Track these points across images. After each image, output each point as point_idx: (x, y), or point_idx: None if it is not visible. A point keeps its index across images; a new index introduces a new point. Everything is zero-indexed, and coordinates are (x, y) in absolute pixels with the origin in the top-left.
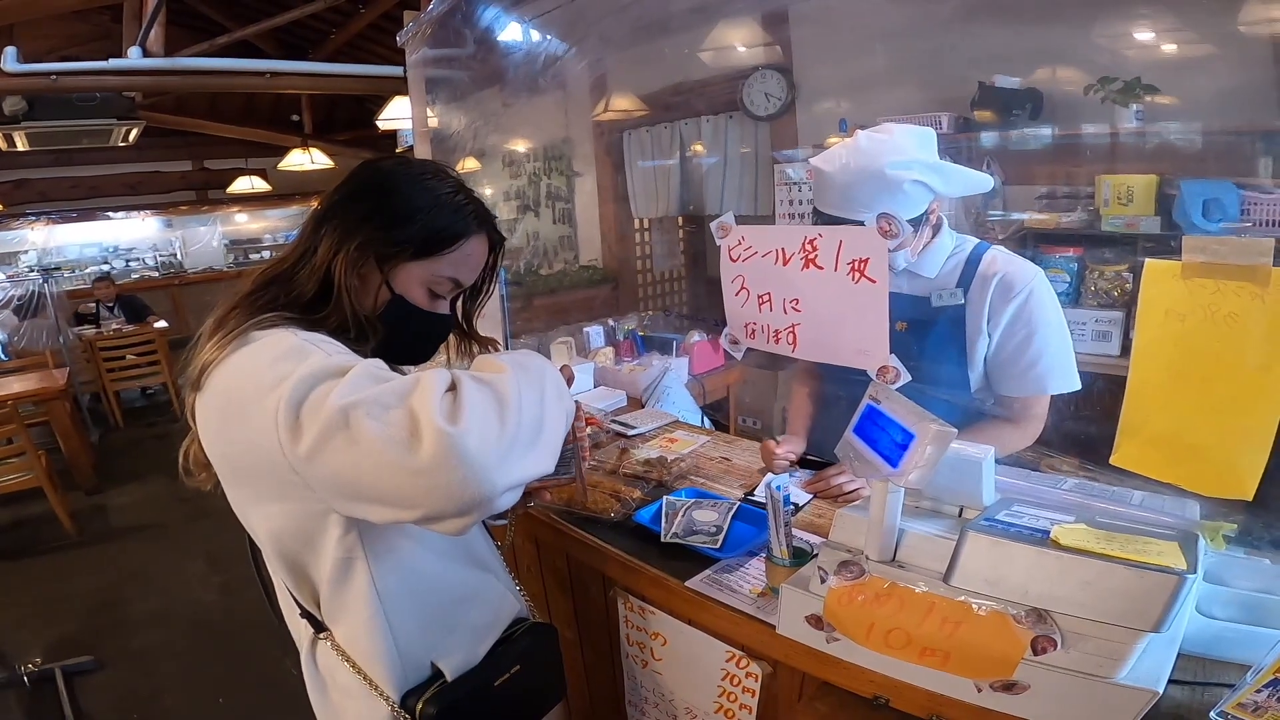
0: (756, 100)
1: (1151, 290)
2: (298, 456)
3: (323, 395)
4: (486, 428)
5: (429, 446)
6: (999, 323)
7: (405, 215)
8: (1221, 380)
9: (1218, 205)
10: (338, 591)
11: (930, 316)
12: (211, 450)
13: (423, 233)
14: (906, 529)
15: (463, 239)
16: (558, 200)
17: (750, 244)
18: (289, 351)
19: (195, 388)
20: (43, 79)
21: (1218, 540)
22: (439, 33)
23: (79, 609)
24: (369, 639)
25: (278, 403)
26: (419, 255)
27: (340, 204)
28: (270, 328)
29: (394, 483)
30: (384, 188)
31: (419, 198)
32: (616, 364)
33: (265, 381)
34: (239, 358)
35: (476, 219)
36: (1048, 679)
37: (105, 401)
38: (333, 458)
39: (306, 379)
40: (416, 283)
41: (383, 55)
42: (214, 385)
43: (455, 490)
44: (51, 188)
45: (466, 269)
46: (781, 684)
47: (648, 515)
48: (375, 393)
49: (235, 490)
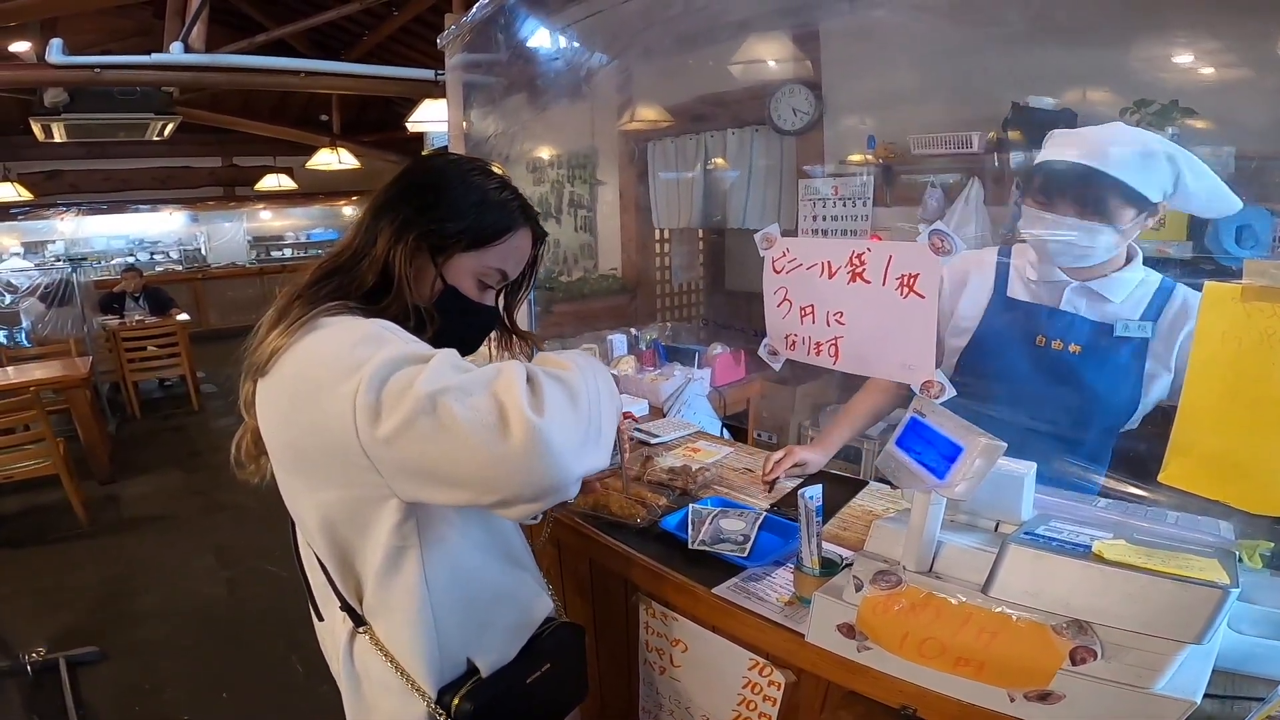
0: (784, 115)
1: (1210, 313)
2: (375, 440)
3: (406, 381)
4: (565, 420)
5: (518, 433)
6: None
7: (458, 209)
8: (1273, 403)
9: (1250, 232)
10: (385, 583)
11: (1113, 347)
12: (274, 436)
13: (474, 226)
14: (944, 541)
15: (510, 231)
16: (579, 208)
17: (795, 256)
18: (367, 337)
19: (260, 374)
20: (86, 71)
21: (1255, 559)
22: (478, 38)
23: (86, 599)
24: (412, 632)
25: (357, 385)
26: (470, 247)
27: (396, 198)
28: (338, 315)
29: (478, 466)
30: (438, 184)
31: (470, 193)
32: (639, 373)
33: (343, 366)
34: (310, 342)
35: (522, 213)
36: (1085, 689)
37: (124, 392)
38: (416, 442)
39: (387, 363)
40: (467, 274)
41: (412, 58)
42: (283, 370)
43: (537, 477)
44: (83, 179)
45: (513, 261)
46: (804, 693)
47: (673, 522)
48: (461, 380)
49: (293, 478)
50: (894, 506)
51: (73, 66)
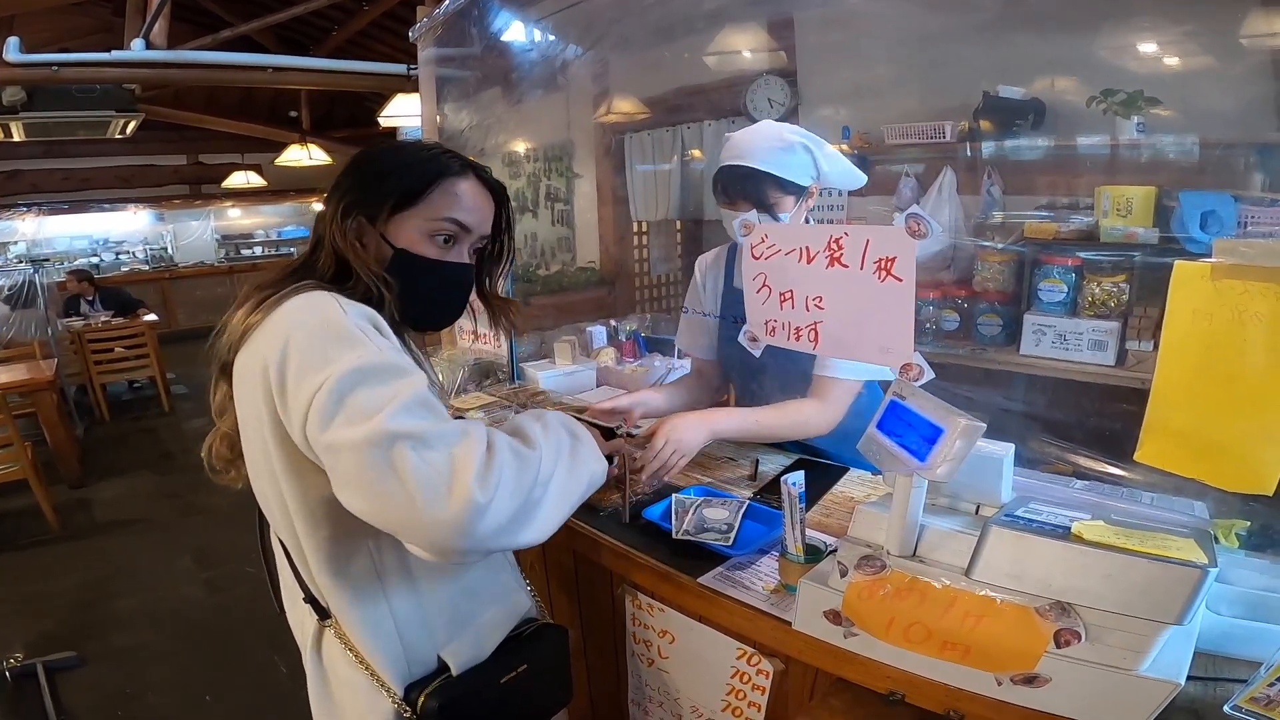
0: (760, 106)
1: (1180, 291)
2: (319, 440)
3: (373, 404)
4: (503, 506)
5: (455, 506)
6: None
7: (380, 174)
8: (1246, 379)
9: (1215, 218)
10: (342, 571)
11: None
12: (247, 407)
13: (399, 184)
14: (926, 524)
15: (440, 178)
16: (556, 201)
17: (774, 242)
18: (343, 335)
19: (235, 350)
20: (44, 69)
21: (1230, 538)
22: (450, 31)
23: (62, 605)
24: (371, 627)
25: (320, 383)
26: (402, 204)
27: (336, 187)
28: (312, 290)
29: (404, 516)
30: (367, 161)
31: (393, 159)
32: (619, 364)
33: (314, 358)
34: (287, 312)
35: (456, 162)
36: (1070, 671)
37: (91, 394)
38: (358, 466)
39: (355, 373)
40: (415, 232)
41: (383, 53)
42: (257, 344)
43: (450, 544)
44: (43, 179)
45: (461, 209)
46: (793, 681)
47: (657, 513)
48: (425, 429)
49: (260, 454)
50: (875, 492)
51: (30, 65)
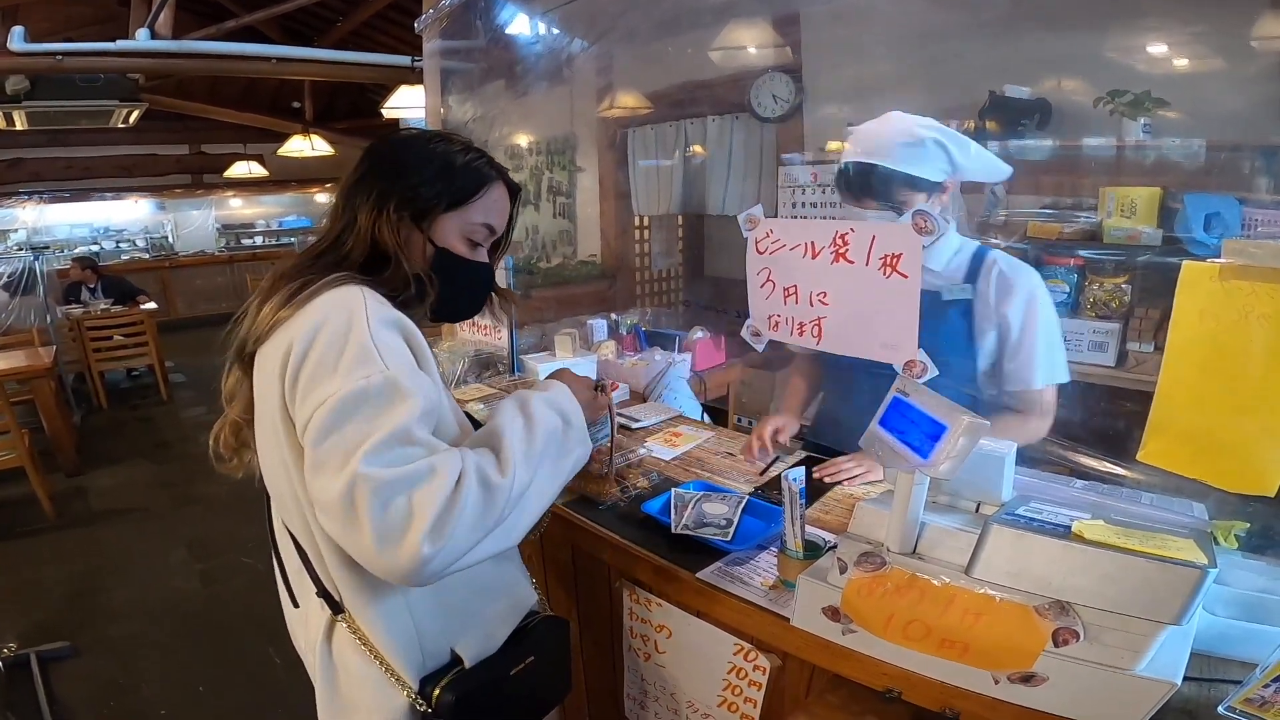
0: (764, 102)
1: (1187, 292)
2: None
3: (352, 441)
4: (462, 542)
5: (404, 556)
6: (1004, 317)
7: (429, 173)
8: (1251, 380)
9: (1220, 220)
10: (356, 568)
11: (940, 310)
12: (265, 400)
13: (449, 185)
14: (926, 522)
15: (487, 185)
16: (558, 194)
17: (779, 237)
18: (357, 349)
19: (260, 342)
20: (48, 59)
21: (1230, 539)
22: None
23: (56, 594)
24: (389, 621)
25: (322, 401)
26: (451, 206)
27: (366, 175)
28: (343, 285)
29: (362, 554)
30: (404, 154)
31: (437, 157)
32: (619, 357)
33: (325, 367)
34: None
35: (492, 168)
36: (1067, 671)
37: (89, 382)
38: (328, 496)
39: (353, 398)
40: (455, 234)
41: (387, 45)
42: (284, 337)
43: (406, 581)
44: (45, 168)
45: (496, 215)
46: (789, 677)
47: (656, 507)
48: (393, 476)
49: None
50: (875, 489)
51: (34, 54)
